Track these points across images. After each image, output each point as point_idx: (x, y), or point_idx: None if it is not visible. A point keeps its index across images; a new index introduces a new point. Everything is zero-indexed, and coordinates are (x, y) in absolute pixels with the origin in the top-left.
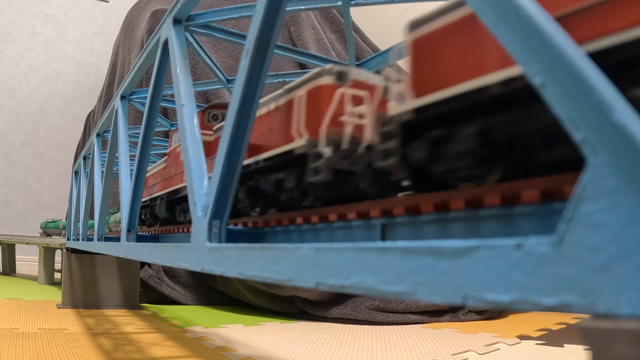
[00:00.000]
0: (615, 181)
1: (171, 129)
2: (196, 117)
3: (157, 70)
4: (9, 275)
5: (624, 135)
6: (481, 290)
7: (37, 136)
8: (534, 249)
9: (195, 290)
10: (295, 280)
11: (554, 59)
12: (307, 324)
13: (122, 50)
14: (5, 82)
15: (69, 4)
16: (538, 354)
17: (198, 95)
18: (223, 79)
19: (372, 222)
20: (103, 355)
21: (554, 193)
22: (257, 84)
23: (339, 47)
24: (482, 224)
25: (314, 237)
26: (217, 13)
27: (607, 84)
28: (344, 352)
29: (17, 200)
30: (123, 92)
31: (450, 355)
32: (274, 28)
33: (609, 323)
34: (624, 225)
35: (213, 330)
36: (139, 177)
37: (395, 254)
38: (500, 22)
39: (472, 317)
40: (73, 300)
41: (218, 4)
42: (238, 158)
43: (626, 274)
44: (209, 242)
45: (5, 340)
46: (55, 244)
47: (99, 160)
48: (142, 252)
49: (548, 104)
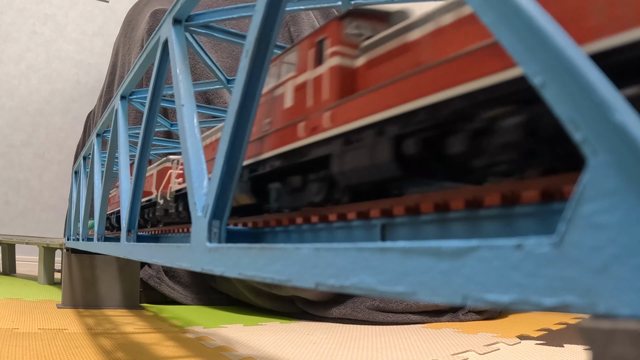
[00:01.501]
0: (615, 181)
1: (171, 129)
2: (196, 117)
3: (157, 71)
4: (9, 275)
5: (624, 136)
6: (481, 291)
7: (37, 136)
8: (534, 249)
9: (195, 290)
10: (295, 280)
11: (554, 59)
12: (307, 324)
13: (122, 50)
14: (5, 82)
15: (69, 4)
16: (538, 354)
17: (198, 95)
18: (223, 79)
19: (372, 222)
20: (103, 355)
21: (554, 193)
22: (257, 84)
23: None
24: (482, 224)
25: (314, 237)
26: (217, 13)
27: (607, 84)
28: (344, 352)
29: (17, 200)
30: (123, 92)
31: (450, 355)
32: (274, 28)
33: (609, 323)
34: (624, 226)
35: (213, 330)
36: (139, 177)
37: (395, 254)
38: (500, 22)
39: (472, 317)
40: (73, 300)
41: (218, 4)
42: (238, 158)
43: (626, 275)
44: (209, 242)
45: (5, 340)
46: (55, 244)
47: (99, 160)
48: (142, 252)
49: (548, 104)
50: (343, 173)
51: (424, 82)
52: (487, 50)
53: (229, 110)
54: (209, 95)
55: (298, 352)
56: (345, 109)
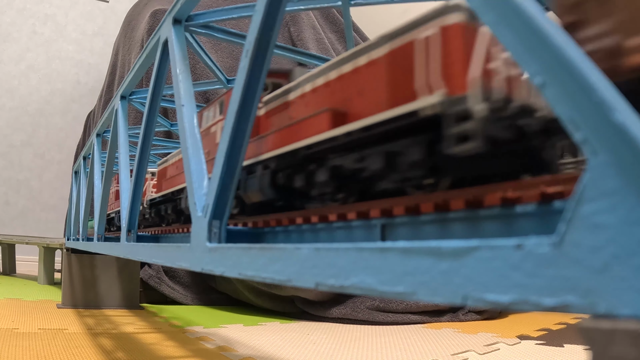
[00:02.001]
0: (615, 181)
1: (171, 129)
2: (196, 117)
3: (157, 71)
4: (9, 275)
5: (624, 136)
6: (481, 291)
7: (37, 136)
8: (534, 250)
9: (195, 290)
10: (295, 280)
11: (554, 59)
12: (307, 324)
13: (122, 50)
14: (5, 82)
15: (69, 4)
16: (538, 354)
17: (198, 95)
18: (223, 79)
19: (372, 222)
20: (103, 355)
21: (553, 194)
22: (257, 84)
23: (339, 47)
24: (482, 224)
25: (314, 237)
26: (217, 13)
27: (607, 84)
28: (344, 352)
29: (17, 200)
30: (123, 92)
31: (450, 355)
32: (274, 28)
33: (609, 323)
34: (624, 226)
35: (213, 330)
36: (139, 177)
37: (395, 254)
38: (500, 22)
39: (472, 317)
40: (73, 300)
41: (218, 4)
42: (238, 158)
43: (626, 275)
44: (209, 243)
45: (5, 340)
46: (55, 244)
47: (99, 160)
48: (142, 252)
49: (549, 104)
50: (246, 195)
51: (279, 136)
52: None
53: (229, 110)
54: (209, 95)
55: (298, 352)
56: (249, 148)
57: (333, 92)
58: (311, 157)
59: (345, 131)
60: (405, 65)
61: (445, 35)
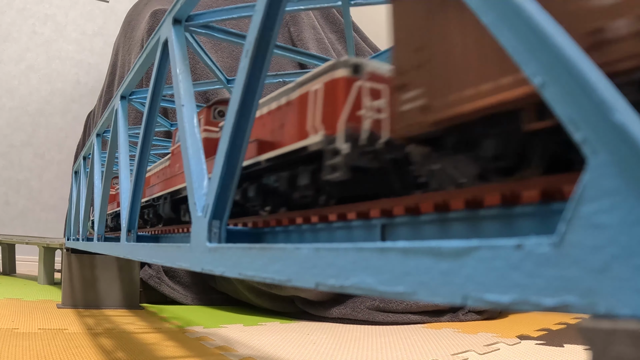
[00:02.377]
0: (615, 181)
1: (171, 129)
2: (196, 117)
3: (157, 71)
4: (9, 275)
5: (624, 135)
6: (481, 291)
7: (37, 136)
8: (534, 250)
9: (195, 290)
10: (295, 280)
11: (554, 59)
12: (307, 324)
13: (122, 50)
14: (5, 82)
15: (69, 4)
16: (538, 354)
17: (198, 95)
18: (223, 79)
19: (372, 222)
20: (103, 355)
21: (554, 193)
22: (257, 84)
23: (339, 47)
24: (482, 224)
25: (314, 238)
26: (217, 13)
27: (607, 84)
28: (344, 352)
29: (17, 200)
30: (123, 92)
31: (450, 355)
32: (274, 28)
33: (609, 323)
34: (624, 226)
35: (213, 330)
36: (139, 177)
37: (395, 254)
38: (500, 22)
39: (472, 317)
40: (73, 300)
41: (218, 4)
42: (238, 158)
43: (626, 275)
44: (209, 243)
45: (5, 340)
46: (55, 244)
47: (99, 160)
48: (142, 252)
49: (549, 104)
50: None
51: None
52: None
53: (229, 110)
54: (209, 95)
55: (298, 352)
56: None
57: (264, 124)
58: (245, 177)
59: (264, 159)
60: (305, 109)
61: (327, 88)
